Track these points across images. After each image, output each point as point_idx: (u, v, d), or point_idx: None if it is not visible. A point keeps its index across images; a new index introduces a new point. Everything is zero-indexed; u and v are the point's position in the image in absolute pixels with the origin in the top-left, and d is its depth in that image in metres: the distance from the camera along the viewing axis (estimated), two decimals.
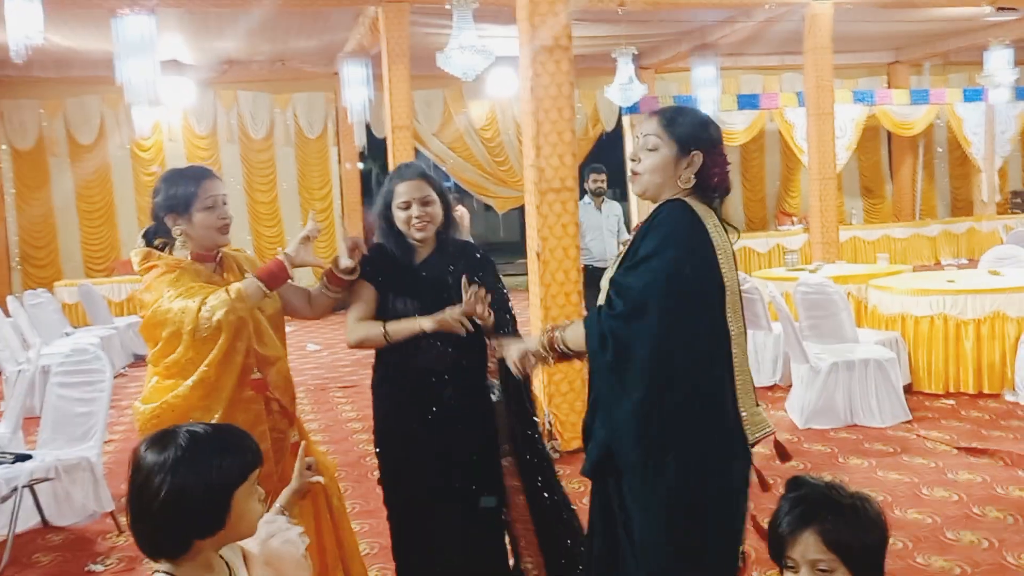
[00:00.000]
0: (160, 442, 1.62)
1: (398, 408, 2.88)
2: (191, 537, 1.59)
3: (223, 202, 2.70)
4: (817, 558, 1.73)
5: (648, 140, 2.28)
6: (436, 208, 2.86)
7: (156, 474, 1.57)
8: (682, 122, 2.27)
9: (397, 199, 2.85)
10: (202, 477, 1.58)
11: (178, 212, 2.66)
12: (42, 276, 13.00)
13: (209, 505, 1.59)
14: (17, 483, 3.95)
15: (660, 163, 2.26)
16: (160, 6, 8.83)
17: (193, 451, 1.59)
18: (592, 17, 10.55)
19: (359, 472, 5.16)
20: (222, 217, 2.68)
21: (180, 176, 2.70)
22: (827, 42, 10.47)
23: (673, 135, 2.26)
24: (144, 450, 1.62)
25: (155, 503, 1.56)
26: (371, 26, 10.43)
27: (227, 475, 1.61)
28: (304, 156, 14.39)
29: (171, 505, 1.56)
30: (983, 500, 4.19)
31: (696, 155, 2.24)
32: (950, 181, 17.13)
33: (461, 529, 2.85)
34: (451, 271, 2.87)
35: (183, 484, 1.56)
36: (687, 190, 2.26)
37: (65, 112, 13.29)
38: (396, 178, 2.88)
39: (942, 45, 14.71)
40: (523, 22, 5.23)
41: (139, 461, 1.61)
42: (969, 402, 5.98)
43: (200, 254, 2.71)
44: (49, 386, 4.59)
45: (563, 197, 5.20)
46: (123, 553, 4.11)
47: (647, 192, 2.30)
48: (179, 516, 1.57)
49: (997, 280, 6.50)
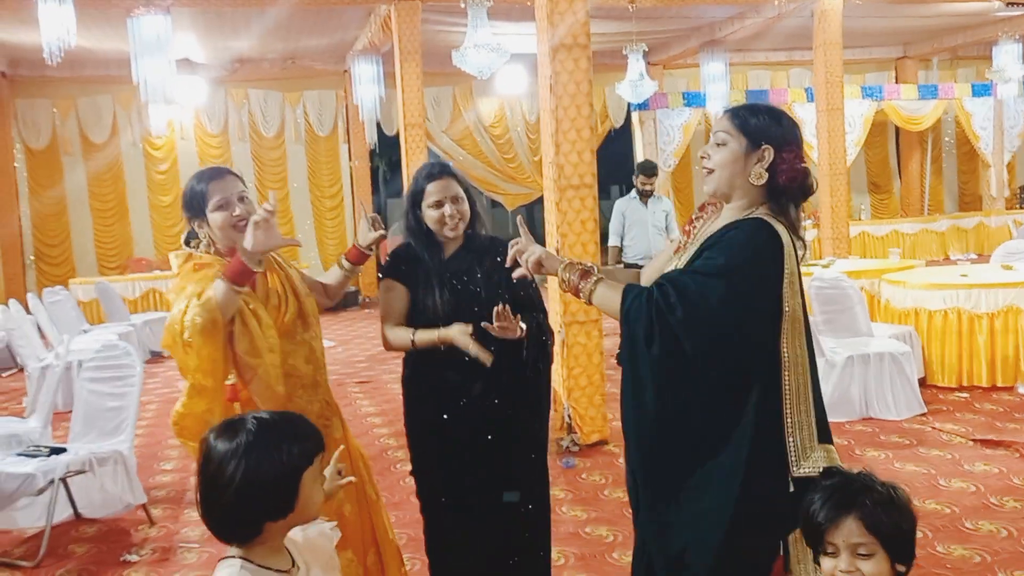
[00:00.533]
0: (228, 431, 1.69)
1: (426, 403, 2.93)
2: (263, 520, 1.66)
3: (239, 199, 2.66)
4: (859, 542, 1.79)
5: (718, 136, 2.23)
6: (466, 206, 2.91)
7: (229, 461, 1.63)
8: (752, 117, 2.21)
9: (428, 199, 2.88)
10: (274, 461, 1.65)
11: (196, 215, 2.69)
12: (56, 274, 13.11)
13: (281, 488, 1.66)
14: (54, 475, 4.03)
15: (729, 158, 2.20)
16: (175, 5, 8.92)
17: (262, 437, 1.66)
18: (603, 14, 10.62)
19: (382, 465, 5.23)
20: (235, 215, 2.65)
21: (194, 178, 2.72)
22: (837, 37, 10.51)
23: (742, 129, 2.19)
24: (214, 440, 1.69)
25: (230, 489, 1.62)
26: (382, 24, 10.50)
27: (296, 459, 1.68)
28: (314, 154, 14.47)
29: (245, 490, 1.62)
30: (1000, 490, 4.25)
31: (767, 150, 2.17)
32: (958, 176, 17.15)
33: (490, 522, 2.90)
34: (479, 267, 2.90)
35: (256, 469, 1.63)
36: (759, 188, 2.19)
37: (78, 111, 13.39)
38: (425, 178, 2.91)
39: (950, 40, 14.74)
40: (542, 20, 5.29)
41: (209, 451, 1.68)
42: (983, 395, 6.04)
43: (227, 252, 2.69)
44: (79, 381, 4.67)
45: (582, 193, 5.27)
46: (156, 544, 4.19)
47: (718, 189, 2.24)
48: (253, 500, 1.63)
49: (1010, 275, 6.55)
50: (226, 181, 2.68)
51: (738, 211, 2.23)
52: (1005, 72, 12.83)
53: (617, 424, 6.00)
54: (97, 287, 10.30)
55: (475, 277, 2.89)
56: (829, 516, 1.82)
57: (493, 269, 2.89)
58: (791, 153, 2.18)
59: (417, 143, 10.23)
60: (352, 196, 14.59)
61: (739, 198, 2.22)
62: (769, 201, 2.20)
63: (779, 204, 2.20)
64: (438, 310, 2.84)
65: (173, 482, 5.19)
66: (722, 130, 2.23)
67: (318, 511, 1.77)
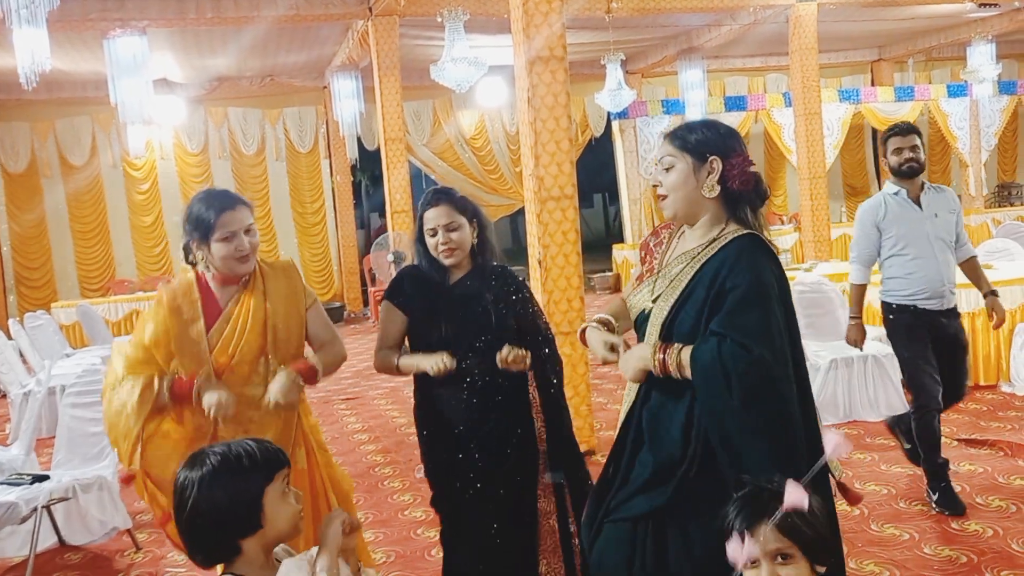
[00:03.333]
0: (193, 460, 1.83)
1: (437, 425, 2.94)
2: (234, 538, 1.77)
3: (246, 231, 2.69)
4: (776, 547, 1.80)
5: (664, 161, 2.27)
6: (462, 233, 2.88)
7: (189, 487, 1.78)
8: (691, 134, 2.26)
9: (426, 225, 2.90)
10: (232, 484, 1.77)
11: (199, 238, 2.69)
12: (37, 297, 13.02)
13: (243, 508, 1.76)
14: (37, 503, 3.99)
15: (680, 178, 2.24)
16: (151, 26, 8.90)
17: (221, 464, 1.78)
18: (579, 24, 10.66)
19: (369, 482, 5.22)
20: (239, 248, 2.67)
21: (203, 202, 2.71)
22: (812, 42, 10.60)
23: (684, 148, 2.24)
24: (181, 471, 1.83)
25: (187, 513, 1.76)
26: (360, 39, 10.51)
27: (251, 480, 1.79)
28: (296, 170, 14.45)
29: (207, 513, 1.75)
30: (985, 490, 4.28)
31: (714, 160, 2.21)
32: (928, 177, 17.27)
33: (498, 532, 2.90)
34: (484, 295, 2.91)
35: (210, 494, 1.75)
36: (717, 202, 2.24)
37: (56, 133, 13.33)
38: (424, 204, 2.93)
39: (924, 42, 14.89)
40: (518, 34, 5.31)
41: (177, 482, 1.82)
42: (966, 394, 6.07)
43: (222, 277, 2.75)
44: (62, 407, 4.63)
45: (563, 205, 5.28)
46: (143, 569, 4.16)
47: (678, 212, 2.27)
48: (217, 522, 1.75)
49: (990, 273, 6.57)
50: (236, 212, 2.69)
51: (706, 228, 2.26)
52: (979, 72, 12.95)
53: (604, 434, 6.01)
54: (79, 310, 10.23)
55: (480, 304, 2.89)
56: (744, 526, 1.82)
57: (499, 297, 2.91)
58: (738, 158, 2.23)
59: (398, 157, 10.24)
60: (335, 211, 14.57)
61: (701, 216, 2.26)
62: (729, 213, 2.25)
63: (740, 214, 2.24)
64: (441, 336, 2.85)
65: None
66: (666, 154, 2.27)
67: (292, 525, 1.84)
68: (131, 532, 4.47)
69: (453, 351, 2.81)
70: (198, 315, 2.72)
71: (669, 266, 2.29)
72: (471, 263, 2.94)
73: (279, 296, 2.79)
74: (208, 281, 2.78)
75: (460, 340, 2.84)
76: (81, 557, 4.38)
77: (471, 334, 2.84)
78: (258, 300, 2.75)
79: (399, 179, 10.24)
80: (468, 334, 2.83)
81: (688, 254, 2.25)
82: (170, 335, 2.70)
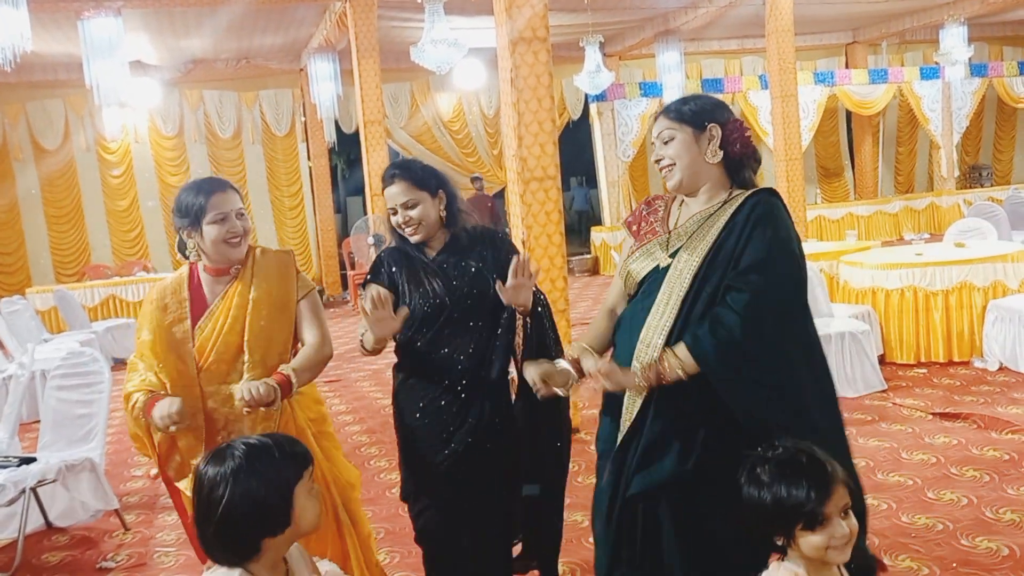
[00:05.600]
0: (217, 457, 1.78)
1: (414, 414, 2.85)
2: (262, 537, 1.74)
3: (237, 215, 2.65)
4: (845, 502, 1.84)
5: (663, 135, 2.33)
6: (421, 209, 2.77)
7: (219, 484, 1.72)
8: (684, 105, 2.33)
9: (387, 204, 2.82)
10: (265, 480, 1.73)
11: (190, 226, 2.65)
12: (11, 283, 12.88)
13: (275, 505, 1.73)
14: (24, 485, 4.00)
15: (682, 148, 2.30)
16: (126, 7, 8.80)
17: (250, 459, 1.74)
18: (558, 6, 10.67)
19: (356, 462, 5.23)
20: (231, 231, 2.64)
21: (192, 189, 2.68)
22: (789, 25, 10.67)
23: (681, 119, 2.31)
24: (204, 466, 1.77)
25: (222, 509, 1.70)
26: (338, 21, 10.45)
27: (286, 475, 1.76)
28: (272, 154, 14.37)
29: (239, 509, 1.70)
30: (960, 461, 4.40)
31: (713, 127, 2.29)
32: (906, 158, 17.51)
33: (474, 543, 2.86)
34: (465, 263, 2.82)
35: (246, 489, 1.71)
36: (719, 168, 2.30)
37: (27, 116, 13.16)
38: (383, 181, 2.85)
39: (898, 24, 15.04)
40: (500, 14, 5.32)
41: (201, 477, 1.76)
42: (940, 370, 6.21)
43: (213, 268, 2.71)
44: (47, 390, 4.62)
45: (546, 185, 5.32)
46: (132, 549, 4.17)
47: (683, 181, 2.32)
48: (250, 519, 1.71)
49: (963, 252, 6.73)
50: (227, 195, 2.66)
51: (710, 195, 2.32)
52: (952, 54, 13.12)
53: (588, 412, 6.07)
54: (56, 295, 10.13)
55: (464, 269, 2.81)
56: (820, 491, 1.82)
57: (482, 258, 2.82)
58: (734, 123, 2.31)
59: (377, 140, 10.21)
60: (312, 195, 14.51)
61: (704, 183, 2.32)
62: (732, 178, 2.32)
63: (743, 177, 2.31)
64: (429, 306, 2.77)
65: (145, 487, 5.16)
66: (664, 128, 2.34)
67: (315, 523, 1.83)
68: (119, 513, 4.48)
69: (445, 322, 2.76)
70: (185, 315, 2.67)
71: (682, 227, 2.33)
72: (446, 235, 2.85)
73: (266, 289, 2.70)
74: (200, 275, 2.73)
75: (447, 312, 2.77)
76: (69, 539, 4.38)
77: (458, 304, 2.77)
78: (242, 295, 2.68)
79: (378, 162, 10.21)
80: (455, 304, 2.77)
81: (701, 214, 2.30)
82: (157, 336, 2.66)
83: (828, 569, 1.89)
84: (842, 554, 1.85)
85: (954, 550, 3.42)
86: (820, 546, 1.83)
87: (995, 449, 4.52)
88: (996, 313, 6.11)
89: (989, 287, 6.27)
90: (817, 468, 1.87)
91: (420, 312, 2.79)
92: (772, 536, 1.89)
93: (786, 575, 1.85)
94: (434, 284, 2.79)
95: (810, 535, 1.83)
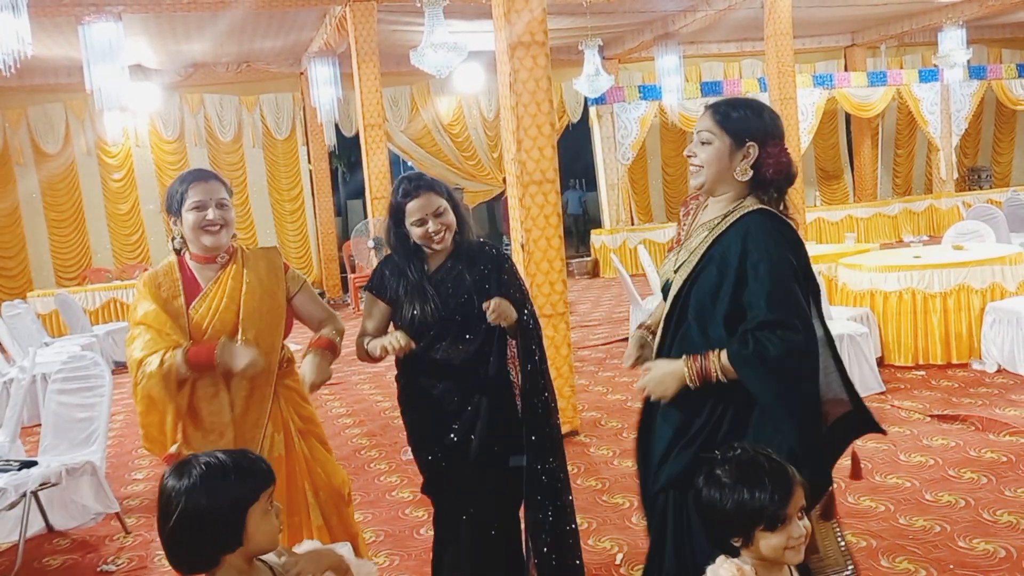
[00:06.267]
0: (180, 469, 1.79)
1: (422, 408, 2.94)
2: (216, 553, 1.76)
3: (219, 204, 2.71)
4: (802, 503, 1.90)
5: (702, 135, 2.30)
6: (449, 215, 2.87)
7: (174, 498, 1.74)
8: (735, 114, 2.28)
9: (410, 217, 2.84)
10: (214, 499, 1.74)
11: (173, 213, 2.74)
12: (12, 287, 12.90)
13: (224, 523, 1.75)
14: (25, 489, 4.01)
15: (715, 156, 2.28)
16: (126, 11, 8.83)
17: (207, 476, 1.76)
18: (557, 10, 10.70)
19: (356, 464, 5.27)
20: (207, 218, 2.69)
21: (179, 178, 2.77)
22: (787, 28, 10.70)
23: (724, 127, 2.27)
24: (167, 477, 1.80)
25: (173, 523, 1.73)
26: (338, 25, 10.48)
27: (239, 496, 1.77)
28: (273, 157, 14.39)
29: (188, 525, 1.72)
30: (958, 463, 4.41)
31: (751, 146, 2.25)
32: (904, 160, 17.53)
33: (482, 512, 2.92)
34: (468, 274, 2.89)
35: (196, 506, 1.73)
36: (744, 184, 2.29)
37: (28, 120, 13.18)
38: (402, 196, 2.86)
39: (896, 27, 15.06)
40: (499, 19, 5.34)
41: (162, 488, 1.79)
42: (939, 372, 6.22)
43: (198, 256, 2.78)
44: (48, 393, 4.64)
45: (545, 189, 5.34)
46: (133, 553, 4.19)
47: (706, 184, 2.32)
48: (197, 534, 1.73)
49: (961, 254, 6.74)
50: (208, 184, 2.73)
51: (726, 202, 2.33)
52: (950, 57, 13.14)
53: (587, 415, 6.09)
54: (57, 299, 10.15)
55: (464, 284, 2.88)
56: (782, 493, 1.86)
57: (483, 274, 2.90)
58: (776, 147, 2.26)
59: (377, 143, 10.23)
60: (313, 198, 14.53)
61: (725, 191, 2.33)
62: (755, 191, 2.29)
63: (765, 193, 2.28)
64: (427, 320, 2.83)
65: (145, 491, 5.17)
66: (705, 129, 2.30)
67: (271, 542, 1.83)
68: (119, 516, 4.49)
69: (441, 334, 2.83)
70: (178, 292, 2.74)
71: (691, 237, 2.37)
72: (448, 248, 2.91)
73: (257, 276, 2.80)
74: (188, 263, 2.80)
75: (448, 323, 2.84)
76: (70, 542, 4.40)
77: (459, 314, 2.84)
78: (236, 279, 2.77)
79: (378, 165, 10.24)
80: (457, 314, 2.83)
81: (706, 225, 2.32)
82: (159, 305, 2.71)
83: (779, 569, 1.92)
84: (798, 554, 1.88)
85: (951, 552, 3.43)
86: (779, 547, 1.86)
87: (993, 451, 4.53)
88: (994, 315, 6.12)
89: (987, 289, 6.28)
90: (778, 470, 1.89)
91: (419, 323, 2.85)
92: (730, 537, 1.91)
93: (731, 569, 1.86)
94: (434, 299, 2.85)
95: (769, 536, 1.86)
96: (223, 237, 2.75)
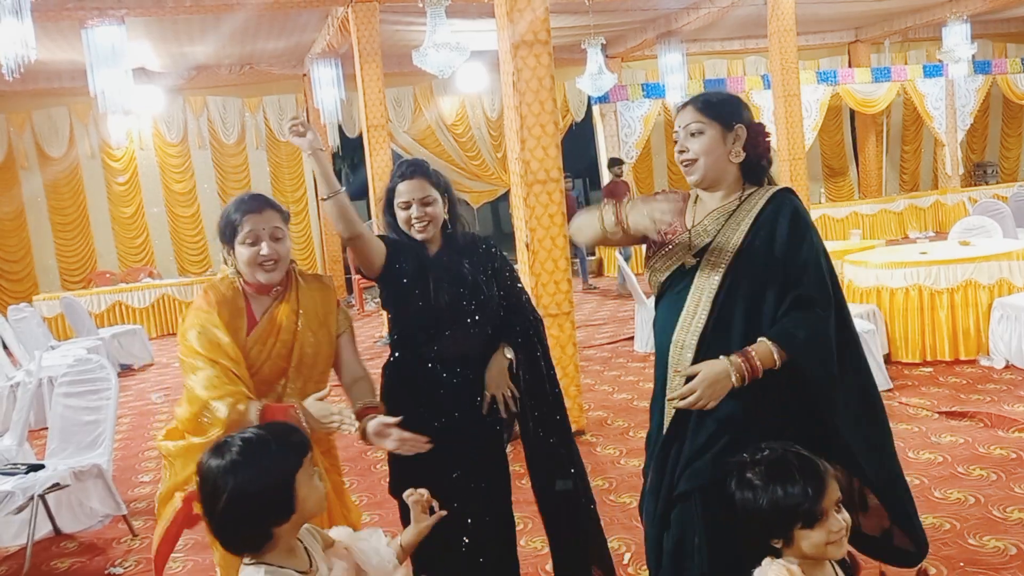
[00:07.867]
0: (218, 450, 1.81)
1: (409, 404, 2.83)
2: (269, 526, 1.77)
3: (272, 237, 2.51)
4: (839, 495, 1.88)
5: (691, 127, 2.36)
6: (437, 207, 2.82)
7: (221, 478, 1.75)
8: (717, 102, 2.38)
9: (398, 198, 2.83)
10: (262, 472, 1.76)
11: (226, 242, 2.57)
12: (18, 291, 12.94)
13: (276, 493, 1.76)
14: (33, 492, 4.01)
15: (711, 144, 2.34)
16: (129, 15, 8.83)
17: (249, 451, 1.78)
18: (559, 8, 10.69)
19: (362, 466, 5.26)
20: (261, 253, 2.50)
21: (234, 204, 2.58)
22: (791, 24, 10.67)
23: (712, 115, 2.35)
24: (206, 460, 1.81)
25: (224, 503, 1.73)
26: (340, 26, 10.47)
27: (283, 465, 1.79)
28: (276, 159, 14.40)
29: (239, 501, 1.73)
30: (966, 460, 4.39)
31: (740, 128, 2.35)
32: (910, 156, 17.49)
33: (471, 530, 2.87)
34: (461, 267, 2.86)
35: (246, 480, 1.74)
36: (737, 167, 2.37)
37: (33, 124, 13.21)
38: (398, 176, 2.85)
39: (900, 23, 15.02)
40: (501, 18, 5.34)
41: (204, 472, 1.79)
42: (946, 369, 6.20)
43: (253, 285, 2.57)
44: (55, 396, 4.65)
45: (549, 188, 5.33)
46: (141, 555, 4.19)
47: (705, 177, 2.36)
48: (252, 509, 1.74)
49: (968, 250, 6.72)
50: (263, 215, 2.52)
51: (727, 191, 2.39)
52: (955, 52, 13.08)
53: (593, 414, 6.07)
54: (62, 302, 10.17)
55: (460, 276, 2.85)
56: (815, 487, 1.85)
57: (477, 267, 2.88)
58: (758, 125, 2.39)
59: (380, 144, 10.22)
60: (317, 200, 14.53)
61: (724, 181, 2.38)
62: (747, 178, 2.38)
63: (758, 177, 2.39)
64: (423, 306, 2.79)
65: (152, 493, 5.16)
66: (693, 121, 2.36)
67: (321, 506, 1.87)
68: (127, 519, 4.50)
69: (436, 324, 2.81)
70: (243, 323, 2.54)
71: (700, 226, 2.37)
72: (442, 237, 2.88)
73: (312, 313, 2.60)
74: (244, 288, 2.60)
75: (451, 314, 2.81)
76: (77, 545, 4.40)
77: (457, 306, 2.81)
78: (290, 317, 2.57)
79: (382, 166, 10.22)
80: (455, 306, 2.81)
81: (720, 211, 2.36)
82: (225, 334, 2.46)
83: (822, 567, 1.90)
84: (840, 548, 1.86)
85: (961, 549, 3.42)
86: (820, 543, 1.84)
87: (1002, 447, 4.51)
88: (1002, 311, 6.10)
89: (994, 285, 6.25)
90: (808, 465, 1.88)
91: (423, 308, 2.80)
92: (769, 539, 1.89)
93: (780, 570, 1.85)
94: (439, 283, 2.81)
95: (809, 533, 1.84)
96: (277, 274, 2.56)
